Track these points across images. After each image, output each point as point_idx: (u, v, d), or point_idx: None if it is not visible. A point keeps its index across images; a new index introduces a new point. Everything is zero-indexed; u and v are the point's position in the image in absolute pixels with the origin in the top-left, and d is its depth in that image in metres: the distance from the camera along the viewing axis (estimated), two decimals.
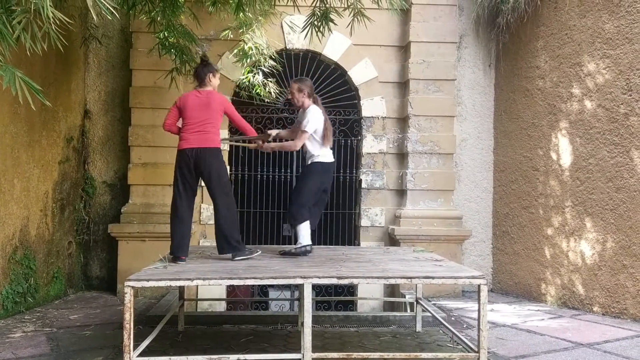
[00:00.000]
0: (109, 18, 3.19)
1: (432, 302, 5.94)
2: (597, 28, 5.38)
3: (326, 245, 6.81)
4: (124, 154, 6.67)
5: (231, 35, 6.19)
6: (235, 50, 6.23)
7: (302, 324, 3.30)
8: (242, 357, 3.33)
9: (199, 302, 6.38)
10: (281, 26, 6.66)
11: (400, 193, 6.82)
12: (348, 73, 6.77)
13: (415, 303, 4.91)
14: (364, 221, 6.78)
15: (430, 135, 6.63)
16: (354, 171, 6.95)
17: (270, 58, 6.28)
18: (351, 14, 5.26)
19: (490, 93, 7.03)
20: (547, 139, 6.00)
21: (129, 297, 3.06)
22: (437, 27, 6.65)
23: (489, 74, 7.03)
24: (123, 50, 6.77)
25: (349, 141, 6.90)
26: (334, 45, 6.72)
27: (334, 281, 3.33)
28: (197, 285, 5.94)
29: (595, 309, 5.33)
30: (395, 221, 6.69)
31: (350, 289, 6.94)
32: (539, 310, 5.60)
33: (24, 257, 5.30)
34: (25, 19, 2.96)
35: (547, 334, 4.55)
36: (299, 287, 3.70)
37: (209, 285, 4.36)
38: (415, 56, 6.63)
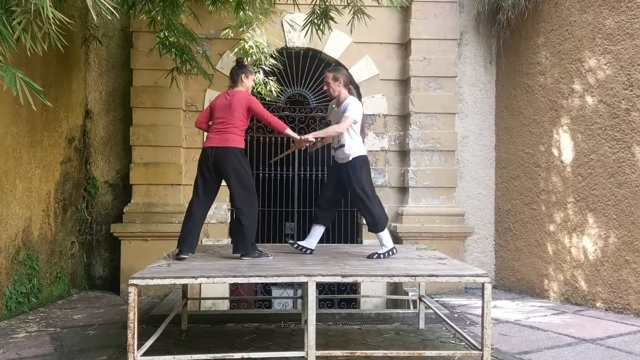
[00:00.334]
0: (109, 18, 3.18)
1: (435, 299, 5.94)
2: (598, 24, 5.37)
3: (329, 243, 6.82)
4: (125, 153, 6.68)
5: (231, 34, 6.19)
6: (235, 49, 6.22)
7: (306, 322, 3.31)
8: (246, 356, 3.32)
9: (202, 301, 6.40)
10: (281, 24, 6.66)
11: (402, 190, 6.82)
12: (349, 71, 6.76)
13: (418, 300, 4.92)
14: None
15: (431, 133, 6.63)
16: None
17: (271, 57, 6.28)
18: (351, 12, 5.26)
19: (491, 90, 7.03)
20: (549, 135, 6.00)
21: (133, 296, 3.05)
22: (438, 24, 6.65)
23: (490, 70, 7.02)
24: (124, 50, 6.77)
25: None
26: (335, 43, 6.72)
27: (338, 279, 3.32)
28: (201, 284, 5.96)
29: (598, 304, 5.33)
30: (397, 219, 6.69)
31: (353, 287, 6.95)
32: (541, 306, 5.60)
33: (27, 258, 5.31)
34: (25, 20, 2.95)
35: (550, 330, 4.56)
36: (303, 286, 3.69)
37: (213, 283, 4.37)
38: (416, 53, 6.62)
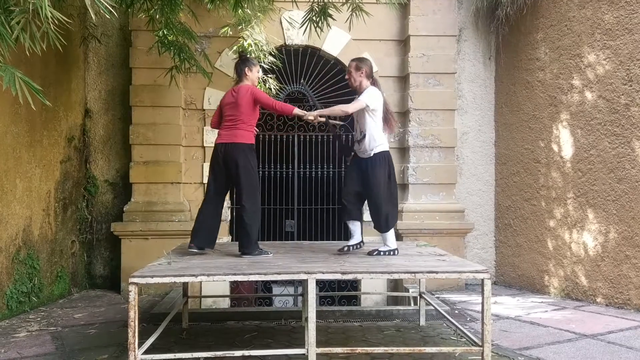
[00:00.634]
0: (108, 17, 3.17)
1: (436, 296, 5.95)
2: (597, 19, 5.36)
3: (329, 240, 6.83)
4: (125, 152, 6.68)
5: (230, 32, 6.19)
6: (234, 47, 6.21)
7: (306, 319, 3.31)
8: (247, 353, 3.33)
9: (202, 299, 6.40)
10: (280, 22, 6.65)
11: (402, 187, 6.81)
12: None
13: (418, 297, 4.92)
14: (366, 216, 6.75)
15: (431, 129, 6.63)
16: None
17: (270, 54, 6.28)
18: (349, 9, 5.25)
19: (491, 86, 7.02)
20: (548, 130, 5.99)
21: (133, 295, 3.06)
22: (436, 21, 6.64)
23: (489, 66, 7.02)
24: (122, 49, 6.76)
25: (350, 136, 6.87)
26: (334, 41, 6.71)
27: (338, 276, 3.32)
28: (201, 282, 5.97)
29: (598, 300, 5.33)
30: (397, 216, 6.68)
31: (354, 284, 6.95)
32: (542, 302, 5.60)
33: (28, 257, 5.32)
34: (23, 19, 2.95)
35: (551, 325, 4.56)
36: (303, 283, 3.69)
37: (213, 281, 4.37)
38: (414, 50, 6.61)
